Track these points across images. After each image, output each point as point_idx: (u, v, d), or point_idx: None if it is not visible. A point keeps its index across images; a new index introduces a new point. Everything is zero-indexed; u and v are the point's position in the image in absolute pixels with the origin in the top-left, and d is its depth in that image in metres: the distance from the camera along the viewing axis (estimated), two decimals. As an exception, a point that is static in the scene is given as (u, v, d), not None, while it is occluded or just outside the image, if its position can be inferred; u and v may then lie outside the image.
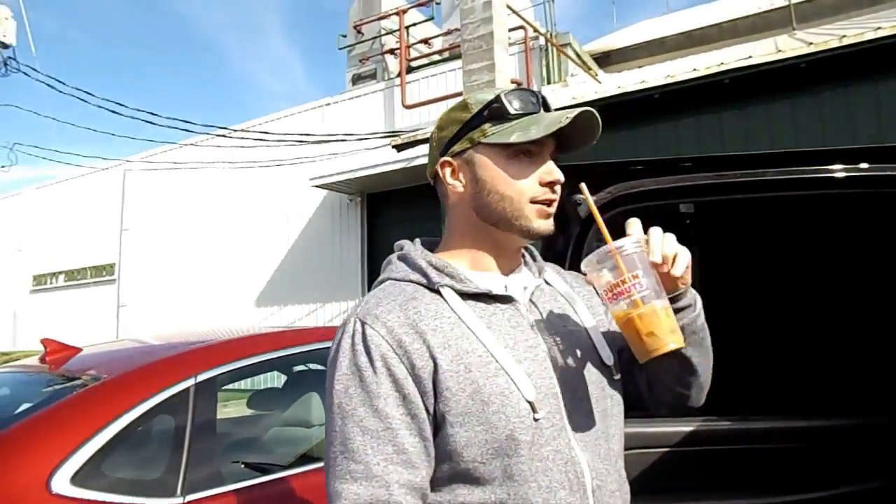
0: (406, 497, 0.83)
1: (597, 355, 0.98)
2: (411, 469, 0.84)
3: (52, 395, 1.63)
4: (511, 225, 0.94)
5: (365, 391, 0.85)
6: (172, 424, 1.69)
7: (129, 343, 2.40)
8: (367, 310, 0.90)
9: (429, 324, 0.88)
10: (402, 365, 0.85)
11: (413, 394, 0.85)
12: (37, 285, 16.26)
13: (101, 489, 1.45)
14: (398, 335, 0.86)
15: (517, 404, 0.86)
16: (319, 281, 11.05)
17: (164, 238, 13.81)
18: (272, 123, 12.01)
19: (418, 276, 0.95)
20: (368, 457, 0.83)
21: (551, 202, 0.95)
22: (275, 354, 2.04)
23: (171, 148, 13.36)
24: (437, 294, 0.92)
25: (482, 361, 0.87)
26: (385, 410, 0.84)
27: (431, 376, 0.85)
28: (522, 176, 0.93)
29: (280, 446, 2.26)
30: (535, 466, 0.85)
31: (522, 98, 0.95)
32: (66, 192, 16.07)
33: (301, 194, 11.61)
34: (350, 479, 0.83)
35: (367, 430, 0.84)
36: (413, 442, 0.85)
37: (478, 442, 0.85)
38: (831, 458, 1.83)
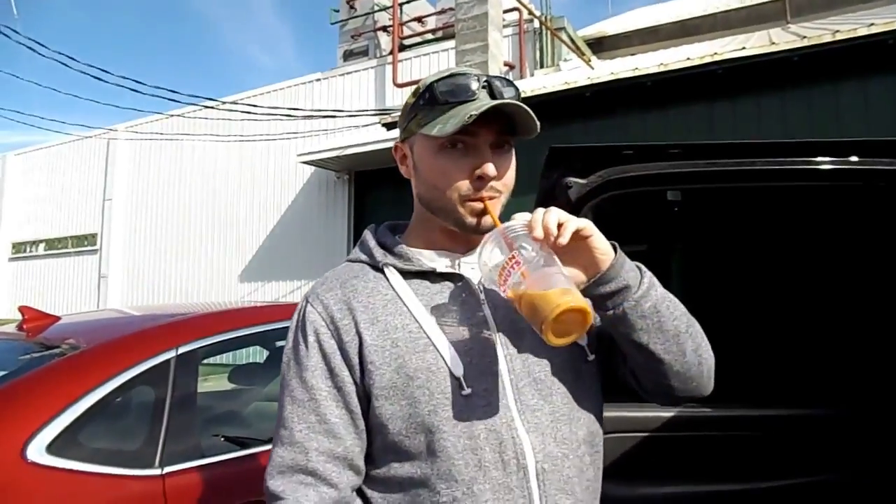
0: (325, 465, 0.87)
1: None
2: (332, 439, 0.87)
3: (29, 363, 1.61)
4: (446, 217, 0.93)
5: (298, 364, 0.90)
6: (152, 396, 1.68)
7: (109, 313, 2.38)
8: (313, 288, 0.96)
9: (361, 301, 0.91)
10: (332, 340, 0.89)
11: (340, 367, 0.89)
12: (15, 253, 16.01)
13: (78, 458, 1.44)
14: (332, 312, 0.91)
15: (443, 381, 0.86)
16: (304, 258, 11.01)
17: (147, 209, 13.64)
18: (261, 97, 11.86)
19: (366, 256, 0.98)
20: (293, 424, 0.88)
21: (483, 199, 0.89)
22: (257, 329, 2.03)
23: (157, 118, 13.14)
24: (381, 273, 0.94)
25: (411, 337, 0.88)
26: (311, 382, 0.89)
27: (357, 351, 0.88)
28: (452, 169, 0.90)
29: (260, 421, 2.25)
30: (463, 444, 0.85)
31: (452, 85, 0.89)
32: (49, 159, 15.78)
33: (289, 170, 11.52)
34: (279, 443, 0.89)
35: (295, 399, 0.89)
36: (338, 413, 0.88)
37: (402, 416, 0.86)
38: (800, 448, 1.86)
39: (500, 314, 0.93)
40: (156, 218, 13.47)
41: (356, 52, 11.80)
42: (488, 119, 0.87)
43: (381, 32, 11.43)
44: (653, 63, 6.13)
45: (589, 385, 0.96)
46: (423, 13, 11.62)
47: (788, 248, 2.11)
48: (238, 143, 11.89)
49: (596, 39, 11.12)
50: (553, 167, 1.31)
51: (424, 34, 11.22)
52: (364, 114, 10.64)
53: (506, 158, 0.93)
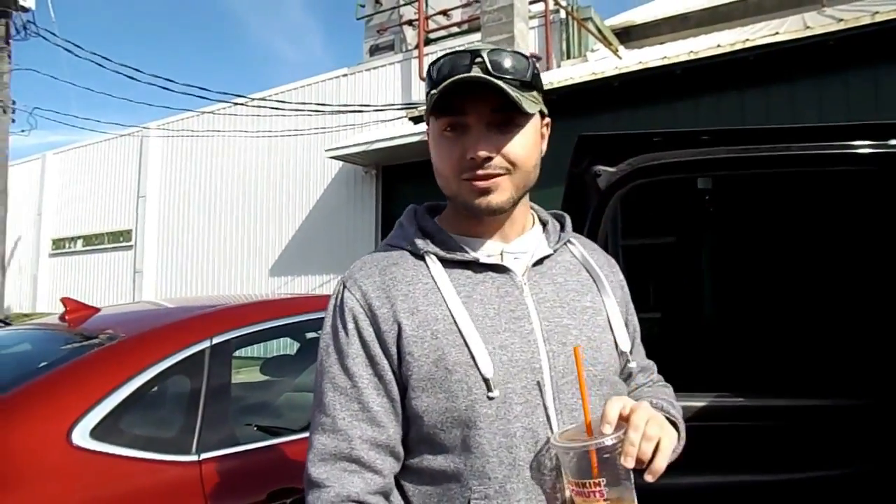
0: (368, 452, 0.86)
1: (612, 338, 0.95)
2: (375, 427, 0.86)
3: (72, 351, 1.67)
4: (455, 201, 0.91)
5: (338, 351, 0.89)
6: (188, 385, 1.72)
7: (145, 305, 2.44)
8: (351, 273, 0.94)
9: (401, 289, 0.89)
10: (371, 328, 0.88)
11: (379, 356, 0.87)
12: (56, 249, 16.50)
13: (119, 444, 1.49)
14: (370, 299, 0.89)
15: (482, 376, 0.84)
16: (332, 252, 11.11)
17: (180, 206, 13.90)
18: (289, 93, 11.97)
19: (405, 241, 0.95)
20: (336, 411, 0.87)
21: (479, 179, 0.87)
22: (288, 320, 2.06)
23: (188, 116, 13.37)
24: (422, 260, 0.92)
25: (451, 329, 0.86)
26: (353, 370, 0.87)
27: (396, 341, 0.87)
28: (450, 150, 0.88)
29: (292, 411, 2.29)
30: (498, 441, 0.84)
31: (445, 65, 0.87)
32: (85, 157, 16.19)
33: (317, 165, 11.61)
34: (320, 430, 0.87)
35: (337, 386, 0.88)
36: (379, 402, 0.87)
37: (438, 409, 0.85)
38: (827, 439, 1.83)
39: (544, 308, 0.92)
40: (188, 214, 13.72)
41: (382, 47, 11.83)
42: (479, 96, 0.84)
43: (407, 26, 11.43)
44: (682, 51, 6.03)
45: (625, 390, 0.97)
46: (449, 6, 11.58)
47: (823, 236, 2.06)
48: (267, 138, 12.03)
49: (623, 29, 10.95)
50: (582, 155, 1.29)
51: (450, 27, 11.18)
52: (391, 108, 10.66)
53: (508, 136, 0.87)
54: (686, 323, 2.03)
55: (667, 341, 1.98)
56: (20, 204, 15.92)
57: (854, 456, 1.81)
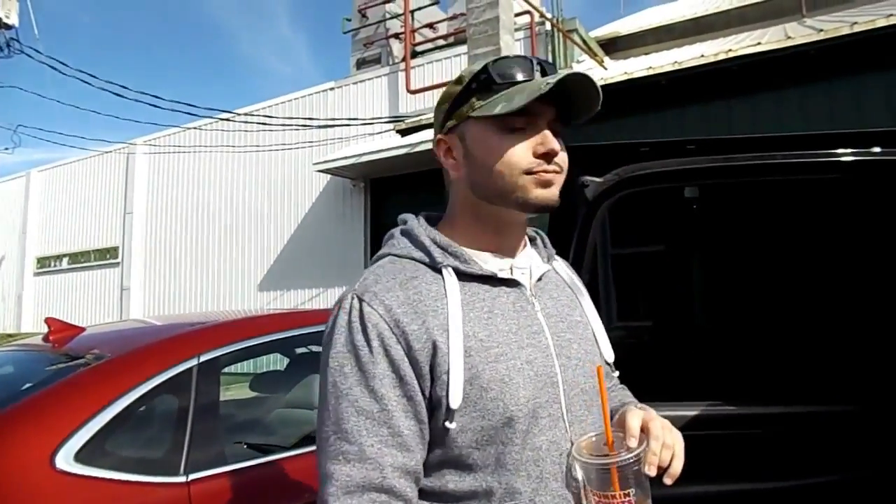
0: (400, 480, 0.80)
1: (598, 350, 0.98)
2: (406, 452, 0.81)
3: (56, 373, 1.64)
4: (507, 199, 0.89)
5: (361, 371, 0.82)
6: (175, 404, 1.69)
7: (132, 323, 2.41)
8: (366, 286, 0.87)
9: (430, 305, 0.85)
10: (399, 346, 0.82)
11: (410, 376, 0.82)
12: (41, 268, 16.31)
13: (105, 467, 1.46)
14: (396, 315, 0.83)
15: (516, 392, 0.83)
16: (323, 266, 11.06)
17: (167, 222, 13.81)
18: (276, 107, 11.97)
19: (421, 253, 0.91)
20: (363, 438, 0.80)
21: (548, 172, 0.88)
22: (277, 336, 2.04)
23: (175, 131, 13.33)
24: (439, 274, 0.88)
25: (482, 346, 0.84)
26: (381, 392, 0.81)
27: (429, 360, 0.82)
28: (515, 149, 0.87)
29: (283, 428, 2.26)
30: (527, 456, 0.84)
31: (511, 66, 0.89)
32: (71, 174, 16.06)
33: (305, 179, 11.59)
34: (343, 460, 0.80)
35: (361, 410, 0.81)
36: (409, 425, 0.82)
37: (473, 428, 0.83)
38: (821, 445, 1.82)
39: (551, 323, 0.93)
40: (175, 230, 13.64)
41: (369, 60, 11.87)
42: (547, 99, 0.85)
43: (394, 40, 11.49)
44: (667, 61, 6.09)
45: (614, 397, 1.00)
46: (435, 19, 11.66)
47: (812, 244, 2.07)
48: (255, 153, 12.01)
49: (609, 40, 11.07)
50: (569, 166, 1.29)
51: (436, 40, 11.26)
52: (378, 121, 10.69)
53: (559, 140, 0.90)
54: (677, 331, 2.03)
55: (657, 350, 1.98)
56: (4, 222, 15.77)
57: (850, 462, 1.81)
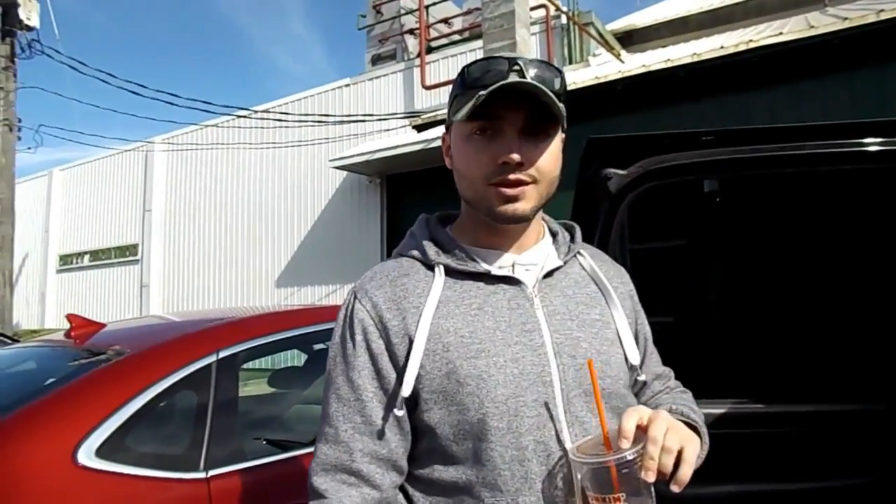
0: (368, 466, 0.85)
1: (621, 352, 0.94)
2: (377, 440, 0.86)
3: (77, 369, 1.65)
4: (479, 207, 0.89)
5: (345, 362, 0.88)
6: (195, 400, 1.70)
7: (151, 319, 2.42)
8: (362, 283, 0.93)
9: (412, 301, 0.88)
10: (380, 340, 0.87)
11: (388, 369, 0.86)
12: (63, 265, 16.55)
13: (126, 462, 1.46)
14: (381, 311, 0.88)
15: (493, 389, 0.83)
16: (339, 262, 11.10)
17: (185, 219, 13.94)
18: (292, 104, 12.01)
19: (417, 252, 0.94)
20: (339, 423, 0.87)
21: (510, 184, 0.85)
22: (295, 332, 2.04)
23: (192, 129, 13.44)
24: (433, 271, 0.90)
25: (462, 342, 0.85)
26: (358, 382, 0.87)
27: (406, 353, 0.85)
28: (477, 156, 0.86)
29: (301, 424, 2.26)
30: (511, 454, 0.83)
31: (480, 68, 0.86)
32: (91, 173, 16.27)
33: (321, 175, 11.64)
34: (324, 440, 0.88)
35: (341, 398, 0.87)
36: (383, 415, 0.86)
37: (450, 422, 0.85)
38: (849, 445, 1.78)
39: (555, 321, 0.90)
40: (193, 227, 13.76)
41: (384, 56, 11.87)
42: (514, 103, 0.83)
43: (408, 35, 11.47)
44: (685, 53, 6.01)
45: (635, 402, 0.95)
46: (450, 14, 11.62)
47: (840, 238, 2.02)
48: (271, 150, 12.07)
49: (625, 33, 10.95)
50: (591, 159, 1.27)
51: (451, 35, 11.21)
52: (393, 117, 10.68)
53: (539, 146, 0.86)
54: (701, 328, 2.00)
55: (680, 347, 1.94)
56: (27, 221, 16.00)
57: (873, 462, 1.77)
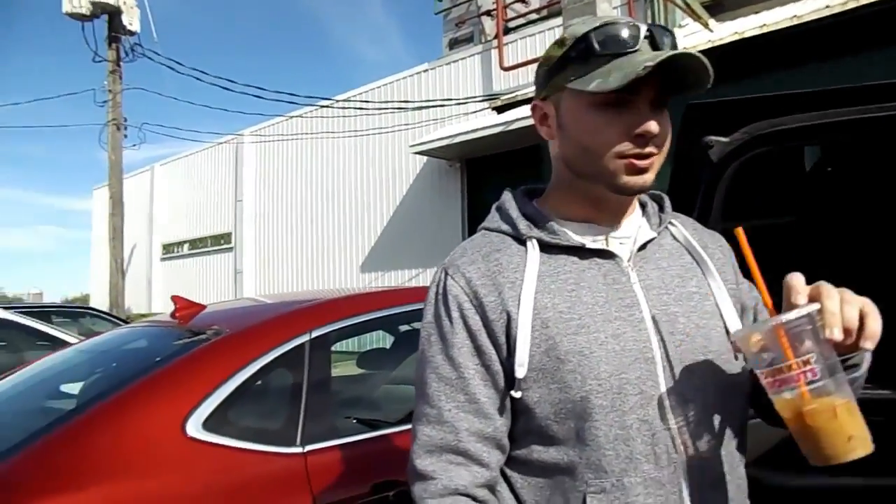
0: (475, 444, 0.84)
1: (722, 325, 0.88)
2: (482, 419, 0.84)
3: (183, 347, 1.74)
4: (597, 180, 0.86)
5: (442, 340, 0.87)
6: (290, 377, 1.75)
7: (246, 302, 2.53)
8: (452, 260, 0.91)
9: (508, 276, 0.86)
10: (477, 316, 0.85)
11: (487, 346, 0.85)
12: (166, 254, 17.70)
13: (229, 435, 1.53)
14: (475, 287, 0.86)
15: (595, 366, 0.81)
16: (421, 247, 11.23)
17: (273, 207, 14.53)
18: (372, 92, 12.20)
19: (507, 226, 0.92)
20: (441, 402, 0.85)
21: (642, 157, 0.82)
22: (383, 313, 2.07)
23: (279, 121, 13.95)
24: (524, 246, 0.89)
25: (561, 318, 0.83)
26: (459, 360, 0.85)
27: (504, 330, 0.84)
28: (608, 128, 0.82)
29: (390, 404, 2.30)
30: (614, 433, 0.81)
31: (613, 34, 0.81)
32: (188, 166, 17.25)
33: (402, 161, 11.78)
34: (425, 421, 0.86)
35: (441, 377, 0.86)
36: (486, 393, 0.85)
37: (551, 400, 0.82)
38: None
39: (652, 296, 0.87)
40: (282, 215, 14.32)
41: (461, 40, 11.81)
42: (652, 73, 0.78)
43: (485, 17, 11.34)
44: (784, 17, 5.60)
45: (741, 379, 0.89)
46: (527, -7, 11.37)
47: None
48: (353, 137, 12.33)
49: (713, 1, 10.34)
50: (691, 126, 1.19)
51: (529, 14, 10.98)
52: (472, 100, 10.63)
53: (664, 118, 0.84)
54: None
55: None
56: (134, 213, 17.21)
57: None
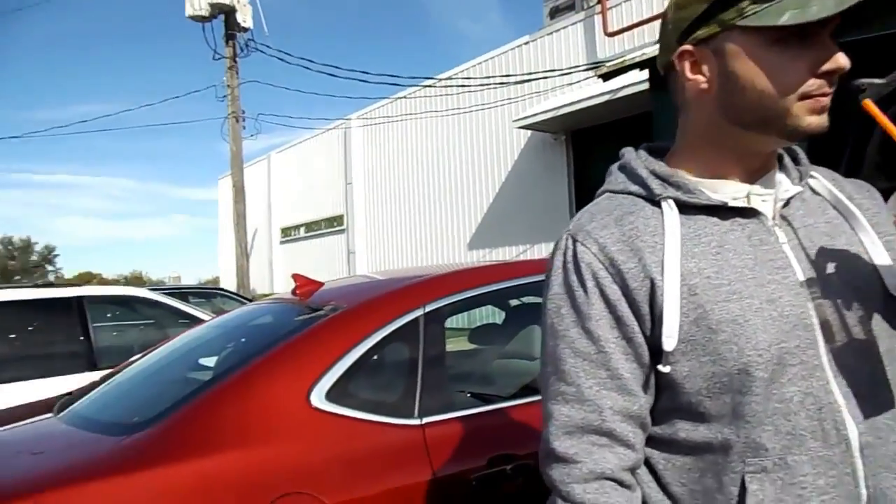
0: (620, 424, 0.77)
1: (880, 283, 0.78)
2: (627, 396, 0.78)
3: (304, 322, 1.81)
4: (770, 127, 0.77)
5: (576, 312, 0.80)
6: (406, 351, 1.78)
7: (360, 278, 2.60)
8: (580, 226, 0.84)
9: (647, 241, 0.79)
10: (615, 285, 0.79)
11: (627, 316, 0.78)
12: (284, 237, 18.76)
13: (351, 406, 1.58)
14: (611, 253, 0.79)
15: (753, 335, 0.73)
16: (528, 223, 11.13)
17: (382, 188, 14.94)
18: (474, 68, 12.15)
19: (638, 187, 0.84)
20: (580, 380, 0.79)
21: (826, 95, 0.75)
22: (495, 286, 2.05)
23: (384, 103, 14.25)
24: (659, 207, 0.81)
25: (710, 284, 0.76)
26: (597, 333, 0.79)
27: (648, 299, 0.77)
28: (792, 67, 0.74)
29: (503, 378, 2.29)
30: (773, 408, 0.73)
31: None
32: (300, 153, 18.11)
33: (506, 137, 11.68)
34: (562, 400, 0.80)
35: (578, 352, 0.79)
36: (629, 367, 0.78)
37: (703, 374, 0.75)
38: None
39: (803, 256, 0.78)
40: (390, 196, 14.70)
41: (562, 8, 11.44)
42: None
43: (588, -19, 10.90)
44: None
45: None
46: (633, -49, 10.78)
47: None
48: (457, 115, 12.36)
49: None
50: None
51: (635, -27, 10.41)
52: (576, 70, 10.30)
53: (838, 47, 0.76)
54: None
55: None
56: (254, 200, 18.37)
57: None
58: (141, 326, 4.72)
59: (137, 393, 2.02)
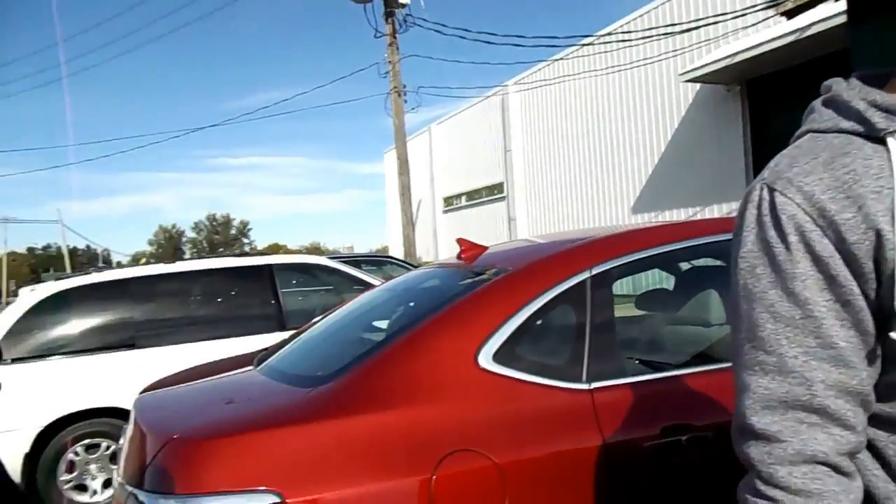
0: (835, 401, 0.68)
1: None
2: (843, 368, 0.68)
3: (469, 285, 1.85)
4: None
5: (776, 271, 0.71)
6: (573, 315, 1.75)
7: (523, 242, 2.59)
8: (778, 173, 0.73)
9: (868, 185, 0.68)
10: (825, 240, 0.69)
11: (844, 276, 0.68)
12: (447, 206, 19.34)
13: (518, 368, 1.59)
14: (821, 203, 0.69)
15: None
16: (697, 184, 10.38)
17: (541, 154, 14.76)
18: (635, 21, 11.44)
19: (853, 122, 0.72)
20: (782, 348, 0.70)
21: None
22: (665, 248, 1.93)
23: (540, 67, 13.99)
24: (883, 144, 0.70)
25: None
26: (804, 295, 0.69)
27: (871, 254, 0.67)
28: None
29: (673, 346, 2.18)
30: None
31: None
32: (459, 123, 18.43)
33: (671, 92, 10.92)
34: (760, 371, 0.71)
35: (779, 316, 0.70)
36: (845, 335, 0.68)
37: None
38: None
39: None
40: (550, 160, 14.49)
41: (738, -58, 10.29)
42: None
43: None
44: None
45: None
46: None
47: None
48: (617, 73, 11.78)
49: None
50: None
51: None
52: (752, 10, 9.27)
53: None
54: None
55: None
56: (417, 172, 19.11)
57: None
58: (321, 291, 5.17)
59: (320, 350, 2.21)
